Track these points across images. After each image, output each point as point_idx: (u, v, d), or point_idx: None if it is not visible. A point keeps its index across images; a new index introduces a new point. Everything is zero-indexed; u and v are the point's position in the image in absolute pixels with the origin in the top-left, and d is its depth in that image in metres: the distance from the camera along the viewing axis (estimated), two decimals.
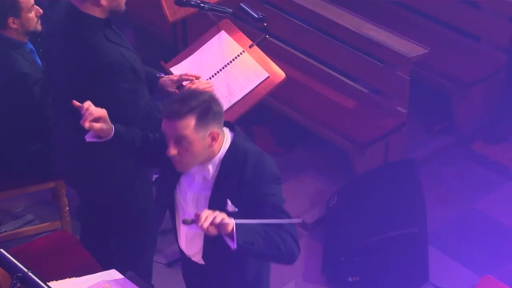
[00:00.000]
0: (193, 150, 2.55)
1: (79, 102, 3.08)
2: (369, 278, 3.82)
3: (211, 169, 2.63)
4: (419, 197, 4.02)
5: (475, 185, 4.49)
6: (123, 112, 3.05)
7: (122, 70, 3.02)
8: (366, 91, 4.64)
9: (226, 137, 2.64)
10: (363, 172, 4.31)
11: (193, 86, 3.31)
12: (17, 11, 3.58)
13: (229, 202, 2.60)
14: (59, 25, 3.11)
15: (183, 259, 2.95)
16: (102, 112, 2.77)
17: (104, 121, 2.78)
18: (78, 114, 3.10)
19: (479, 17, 4.91)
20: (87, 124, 2.74)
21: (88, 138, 2.82)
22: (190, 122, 2.52)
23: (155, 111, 3.15)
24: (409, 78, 4.33)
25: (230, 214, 2.53)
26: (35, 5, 3.64)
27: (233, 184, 2.60)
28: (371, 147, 4.35)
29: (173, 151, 2.55)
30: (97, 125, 2.76)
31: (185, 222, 2.50)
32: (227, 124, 2.68)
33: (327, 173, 4.57)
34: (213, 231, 2.44)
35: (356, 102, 4.55)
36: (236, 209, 2.60)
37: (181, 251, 2.89)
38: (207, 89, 3.16)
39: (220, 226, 2.45)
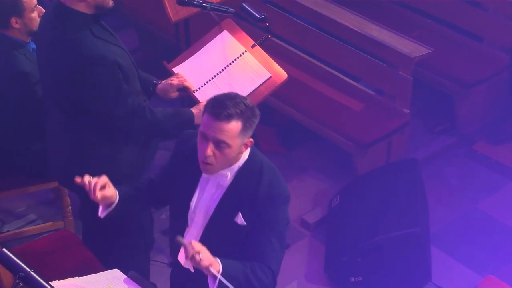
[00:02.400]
0: (228, 155, 2.54)
1: (63, 98, 3.08)
2: (371, 278, 3.82)
3: (229, 175, 2.62)
4: (421, 197, 4.02)
5: (477, 185, 4.49)
6: (105, 107, 3.04)
7: (104, 64, 2.99)
8: (368, 91, 4.64)
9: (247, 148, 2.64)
10: (365, 172, 4.31)
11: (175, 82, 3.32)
12: (20, 11, 3.59)
13: (240, 214, 2.60)
14: (46, 22, 3.12)
15: (174, 261, 2.94)
16: (104, 178, 2.70)
17: (108, 185, 2.71)
18: (65, 111, 3.10)
19: (482, 17, 4.91)
20: (98, 196, 2.66)
21: (102, 214, 2.75)
22: (236, 127, 2.50)
23: (147, 112, 3.13)
24: (412, 78, 4.33)
25: (235, 226, 2.55)
26: (38, 5, 3.65)
27: (246, 197, 2.60)
28: (373, 147, 4.35)
29: (210, 152, 2.51)
30: (107, 193, 2.69)
31: (178, 241, 2.50)
32: None
33: (329, 173, 4.57)
34: (196, 265, 2.46)
35: (358, 102, 4.55)
36: (245, 223, 2.61)
37: (172, 254, 2.87)
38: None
39: (203, 268, 2.46)
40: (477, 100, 4.75)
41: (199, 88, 3.46)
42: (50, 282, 2.22)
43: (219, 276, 2.48)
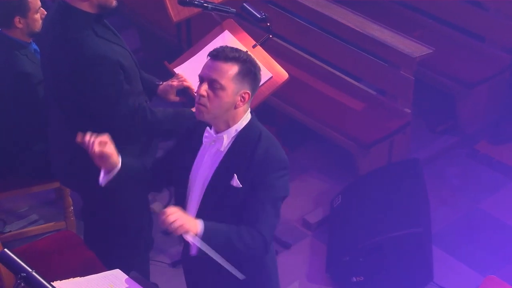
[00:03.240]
0: (222, 99, 2.57)
1: (64, 98, 3.07)
2: (373, 278, 3.82)
3: (226, 139, 2.65)
4: (423, 197, 4.02)
5: (479, 185, 4.48)
6: (106, 107, 3.04)
7: (106, 64, 2.98)
8: (370, 91, 4.64)
9: (247, 114, 2.67)
10: (367, 172, 4.30)
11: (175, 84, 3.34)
12: (24, 10, 3.59)
13: (235, 176, 2.63)
14: (49, 21, 3.11)
15: (185, 249, 2.92)
16: (105, 136, 2.70)
17: (109, 144, 2.70)
18: (67, 111, 3.10)
19: (483, 17, 4.91)
20: (96, 150, 2.66)
21: (103, 180, 2.73)
22: (232, 69, 2.56)
23: (147, 113, 3.13)
24: (413, 78, 4.33)
25: (232, 189, 2.60)
26: (41, 7, 3.66)
27: (243, 161, 2.63)
28: (375, 147, 4.34)
29: (203, 91, 2.57)
30: (107, 150, 2.67)
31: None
32: None
33: (331, 173, 4.57)
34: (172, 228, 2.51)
35: (360, 102, 4.55)
36: (241, 186, 2.63)
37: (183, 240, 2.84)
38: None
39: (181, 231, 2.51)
40: (478, 100, 4.75)
41: None
42: (51, 282, 2.22)
43: (194, 241, 2.52)
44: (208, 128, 2.68)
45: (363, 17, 4.55)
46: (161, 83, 3.41)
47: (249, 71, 2.60)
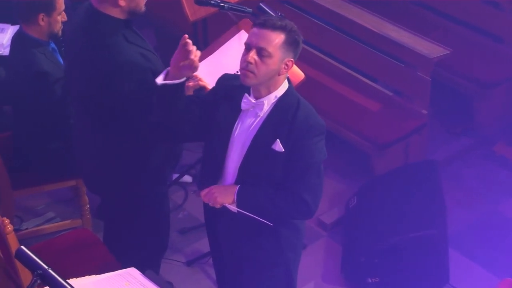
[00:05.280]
0: (269, 66, 2.67)
1: (95, 104, 3.08)
2: (388, 280, 3.80)
3: (266, 105, 2.74)
4: (439, 198, 4.00)
5: (496, 187, 4.45)
6: (136, 114, 3.04)
7: (138, 70, 2.98)
8: (386, 91, 4.62)
9: (285, 81, 2.77)
10: (383, 173, 4.29)
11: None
12: (50, 9, 3.62)
13: (278, 141, 2.71)
14: (78, 26, 3.11)
15: (208, 210, 3.00)
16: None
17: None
18: (96, 116, 3.11)
19: (501, 18, 4.87)
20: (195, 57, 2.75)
21: (160, 79, 2.79)
22: (279, 38, 2.66)
23: None
24: (430, 79, 4.31)
25: (273, 154, 2.69)
26: (63, 12, 3.69)
27: (284, 126, 2.71)
28: (391, 148, 4.33)
29: (251, 58, 2.66)
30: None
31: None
32: None
33: (346, 174, 4.55)
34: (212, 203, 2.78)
35: (376, 103, 4.53)
36: (283, 150, 2.70)
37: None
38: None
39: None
40: (496, 101, 4.72)
41: None
42: (67, 280, 2.23)
43: (234, 209, 2.75)
44: (246, 94, 2.75)
45: (380, 18, 4.53)
46: None
47: (294, 40, 2.70)
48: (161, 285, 2.66)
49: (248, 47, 2.69)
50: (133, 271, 2.69)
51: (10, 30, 4.29)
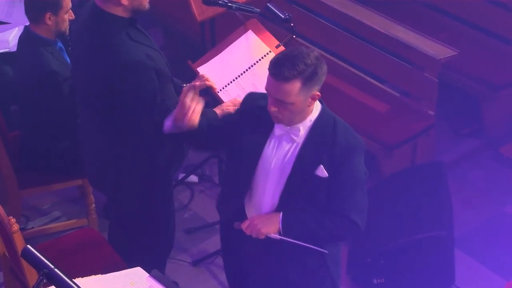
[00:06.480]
0: (293, 110, 2.60)
1: (100, 103, 3.09)
2: (394, 280, 3.79)
3: (302, 130, 2.67)
4: (446, 200, 3.98)
5: (504, 189, 4.44)
6: (141, 113, 3.04)
7: (143, 69, 2.98)
8: (394, 92, 4.61)
9: (317, 103, 2.70)
10: (390, 174, 4.28)
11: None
12: (57, 8, 3.63)
13: (321, 167, 2.64)
14: (83, 25, 3.12)
15: (240, 238, 2.85)
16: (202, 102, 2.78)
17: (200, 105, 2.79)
18: (101, 115, 3.12)
19: (509, 19, 4.85)
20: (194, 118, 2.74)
21: (168, 129, 2.80)
22: (295, 87, 2.55)
23: None
24: (438, 80, 4.30)
25: (316, 179, 2.62)
26: (70, 10, 3.69)
27: (324, 150, 2.65)
28: (399, 149, 4.31)
29: (273, 108, 2.60)
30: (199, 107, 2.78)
31: (236, 227, 2.68)
32: None
33: None
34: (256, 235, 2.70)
35: (384, 104, 4.52)
36: (327, 175, 2.64)
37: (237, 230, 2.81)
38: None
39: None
40: (504, 103, 4.70)
41: (223, 88, 3.46)
42: (73, 279, 2.23)
43: (278, 237, 2.67)
44: None
45: (387, 19, 4.52)
46: (185, 85, 3.41)
47: (312, 76, 2.58)
48: (167, 285, 2.65)
49: (268, 94, 2.62)
50: (138, 271, 2.69)
51: (17, 28, 4.30)
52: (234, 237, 2.88)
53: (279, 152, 2.69)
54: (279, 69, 2.55)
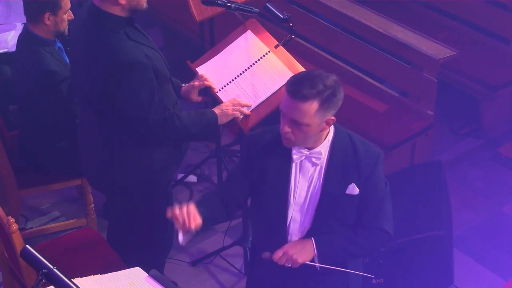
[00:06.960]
0: (307, 132, 2.55)
1: (98, 102, 3.09)
2: (393, 280, 3.79)
3: (323, 152, 2.63)
4: (445, 199, 3.98)
5: (502, 188, 4.45)
6: (139, 112, 3.04)
7: (141, 68, 2.98)
8: (392, 92, 4.61)
9: None
10: (389, 174, 4.28)
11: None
12: (56, 8, 3.63)
13: (353, 185, 2.62)
14: (81, 24, 3.12)
15: (268, 266, 2.79)
16: (192, 207, 2.59)
17: (196, 215, 2.60)
18: (100, 115, 3.12)
19: (508, 19, 4.86)
20: (193, 227, 2.56)
21: (184, 240, 2.64)
22: (312, 107, 2.50)
23: (175, 119, 3.12)
24: (437, 80, 4.30)
25: (348, 198, 2.61)
26: (69, 10, 3.70)
27: (349, 167, 2.62)
28: (397, 149, 4.32)
29: (287, 129, 2.54)
30: (198, 221, 2.59)
31: (265, 257, 2.65)
32: None
33: None
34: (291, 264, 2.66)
35: (382, 104, 4.52)
36: (358, 191, 2.63)
37: (267, 259, 2.73)
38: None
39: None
40: (502, 103, 4.71)
41: (222, 88, 3.46)
42: (72, 279, 2.23)
43: (317, 264, 2.64)
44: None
45: (386, 19, 4.52)
46: (184, 85, 3.41)
47: (330, 98, 2.54)
48: (166, 285, 2.65)
49: (283, 114, 2.55)
50: (137, 271, 2.69)
51: (16, 28, 4.30)
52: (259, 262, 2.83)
53: (303, 178, 2.66)
54: (298, 88, 2.49)
